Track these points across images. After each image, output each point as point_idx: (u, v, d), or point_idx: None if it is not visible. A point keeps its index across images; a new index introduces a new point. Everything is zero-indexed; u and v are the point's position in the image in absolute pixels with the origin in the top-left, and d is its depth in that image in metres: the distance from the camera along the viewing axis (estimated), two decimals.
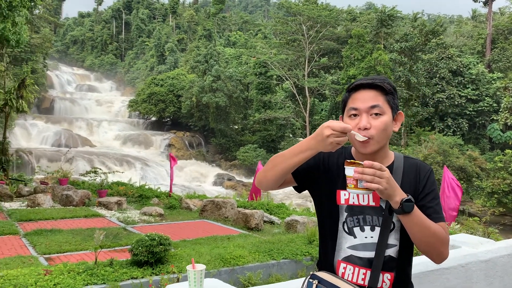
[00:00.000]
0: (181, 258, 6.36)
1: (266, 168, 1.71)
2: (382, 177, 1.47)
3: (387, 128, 1.64)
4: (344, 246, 1.70)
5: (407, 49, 35.26)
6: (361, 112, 1.64)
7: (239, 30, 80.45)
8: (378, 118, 1.62)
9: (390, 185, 1.49)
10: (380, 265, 1.64)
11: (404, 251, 1.69)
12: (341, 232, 1.71)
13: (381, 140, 1.64)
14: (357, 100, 1.65)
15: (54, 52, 77.04)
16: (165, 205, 13.39)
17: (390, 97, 1.66)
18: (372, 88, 1.65)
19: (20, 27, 16.14)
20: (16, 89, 18.18)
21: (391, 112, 1.66)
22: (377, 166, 1.47)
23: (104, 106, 56.11)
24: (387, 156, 1.73)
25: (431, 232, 1.57)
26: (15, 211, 11.16)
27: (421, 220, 1.56)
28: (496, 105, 35.24)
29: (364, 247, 1.67)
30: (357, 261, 1.67)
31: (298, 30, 42.53)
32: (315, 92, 42.30)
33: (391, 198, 1.51)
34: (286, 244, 7.35)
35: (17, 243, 8.22)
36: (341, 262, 1.70)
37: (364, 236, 1.68)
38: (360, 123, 1.63)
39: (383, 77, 1.70)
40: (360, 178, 1.48)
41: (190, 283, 1.87)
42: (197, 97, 43.22)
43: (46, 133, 39.72)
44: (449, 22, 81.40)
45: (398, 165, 1.71)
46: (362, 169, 1.47)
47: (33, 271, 5.57)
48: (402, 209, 1.52)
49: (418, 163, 1.73)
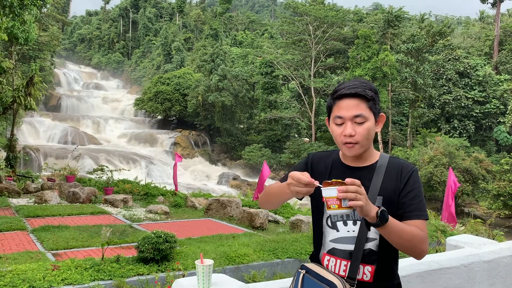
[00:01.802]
0: (186, 255, 6.42)
1: (263, 196, 1.94)
2: (361, 194, 1.50)
3: (370, 133, 1.76)
4: (328, 240, 1.82)
5: (414, 50, 35.17)
6: (346, 120, 1.75)
7: (245, 30, 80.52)
8: (361, 125, 1.73)
9: (367, 201, 1.53)
10: (359, 257, 1.72)
11: (385, 245, 1.74)
12: (325, 227, 1.83)
13: (365, 144, 1.76)
14: (342, 109, 1.76)
15: (62, 50, 77.48)
16: (171, 203, 13.48)
17: (371, 104, 1.76)
18: (355, 97, 1.75)
19: (29, 25, 16.29)
20: (25, 86, 18.36)
21: (374, 116, 1.77)
22: (357, 182, 1.51)
23: (111, 104, 56.39)
24: (371, 155, 1.83)
25: (408, 236, 1.62)
26: (22, 207, 11.28)
27: (397, 227, 1.61)
28: (503, 107, 35.10)
29: (346, 240, 1.77)
30: (339, 254, 1.78)
31: (304, 30, 42.51)
32: (321, 92, 42.26)
33: (368, 214, 1.54)
34: (291, 243, 7.39)
35: (25, 238, 8.32)
36: (325, 254, 1.82)
37: (346, 230, 1.77)
38: (345, 131, 1.74)
39: (364, 83, 1.78)
40: (344, 197, 1.48)
41: (199, 277, 1.92)
42: (203, 96, 43.35)
43: (53, 131, 40.00)
44: (456, 23, 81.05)
45: (382, 164, 1.80)
46: (346, 187, 1.48)
47: (41, 266, 5.65)
48: (380, 221, 1.55)
49: (401, 162, 1.81)
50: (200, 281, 1.90)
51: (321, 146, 37.15)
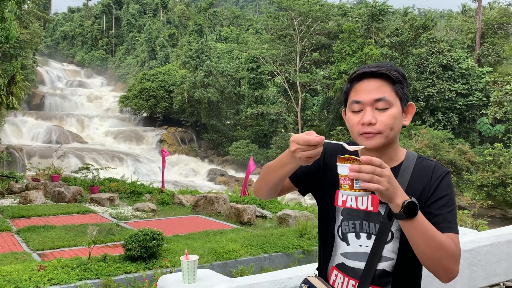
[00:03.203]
0: (174, 252, 6.42)
1: (259, 179, 1.63)
2: (382, 176, 1.25)
3: (396, 122, 1.44)
4: (338, 252, 1.57)
5: (398, 44, 35.45)
6: (365, 106, 1.44)
7: (230, 25, 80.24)
8: (384, 112, 1.43)
9: (391, 185, 1.27)
10: (369, 278, 1.47)
11: (404, 266, 1.48)
12: (336, 237, 1.58)
13: (389, 136, 1.44)
14: (360, 92, 1.46)
15: (44, 48, 76.33)
16: (158, 201, 13.43)
17: (398, 87, 1.46)
18: (376, 77, 1.45)
19: (9, 23, 16.01)
20: (6, 85, 18.03)
21: (400, 103, 1.46)
22: (376, 162, 1.25)
23: (95, 102, 55.79)
24: (396, 155, 1.53)
25: (436, 244, 1.33)
26: (7, 208, 11.14)
27: (425, 229, 1.33)
28: (486, 99, 35.58)
29: (356, 257, 1.52)
30: (347, 271, 1.53)
31: (289, 25, 42.54)
32: (306, 87, 42.40)
33: (391, 200, 1.29)
34: (278, 238, 7.44)
35: (10, 239, 8.23)
36: (334, 268, 1.58)
37: (358, 244, 1.52)
38: (363, 118, 1.43)
39: (389, 64, 1.49)
40: (357, 177, 1.26)
41: (184, 273, 1.93)
42: (188, 93, 43.15)
43: (37, 130, 39.47)
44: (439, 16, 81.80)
45: (407, 166, 1.50)
46: (359, 166, 1.25)
47: (27, 267, 5.60)
48: (404, 213, 1.29)
49: (432, 164, 1.51)
50: (185, 276, 1.91)
51: None
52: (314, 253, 7.13)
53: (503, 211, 24.32)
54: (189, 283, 1.91)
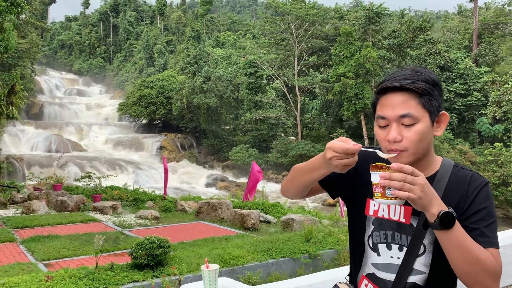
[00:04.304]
0: (181, 260, 6.41)
1: (288, 179, 1.61)
2: (414, 184, 1.23)
3: (425, 137, 1.40)
4: (369, 261, 1.54)
5: (395, 46, 35.56)
6: (390, 121, 1.39)
7: (227, 31, 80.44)
8: (411, 128, 1.37)
9: (425, 194, 1.24)
10: None
11: (436, 281, 1.44)
12: (366, 246, 1.54)
13: (418, 152, 1.40)
14: (385, 107, 1.40)
15: (42, 57, 76.44)
16: (160, 208, 13.41)
17: (425, 99, 1.38)
18: (401, 90, 1.38)
19: (8, 33, 16.06)
20: (6, 95, 18.06)
21: (429, 116, 1.39)
22: (408, 170, 1.23)
23: (94, 110, 55.82)
24: (431, 165, 1.48)
25: (473, 258, 1.28)
26: (10, 218, 11.11)
27: (461, 241, 1.28)
28: (484, 99, 35.65)
29: (387, 268, 1.48)
30: (378, 282, 1.50)
31: (286, 29, 42.66)
32: (305, 90, 42.47)
33: (426, 209, 1.27)
34: (284, 243, 7.42)
35: (15, 250, 8.20)
36: (364, 278, 1.55)
37: (389, 255, 1.48)
38: (389, 135, 1.38)
39: (416, 73, 1.41)
40: (387, 184, 1.25)
41: (205, 283, 1.93)
42: (187, 99, 43.20)
43: (36, 139, 39.44)
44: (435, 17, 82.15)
45: (442, 175, 1.45)
46: (390, 174, 1.24)
47: (34, 277, 5.59)
48: (438, 224, 1.26)
49: (469, 174, 1.45)
50: (207, 286, 1.91)
51: (307, 144, 37.31)
52: (321, 258, 7.12)
53: (505, 210, 24.32)
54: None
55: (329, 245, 7.47)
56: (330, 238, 7.71)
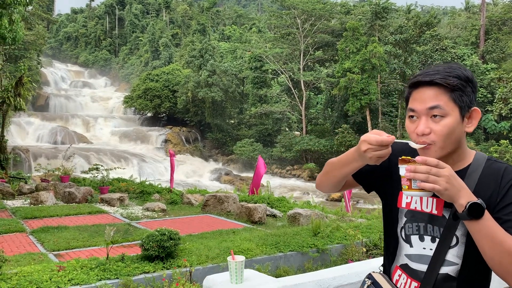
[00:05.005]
0: (190, 252, 6.46)
1: (322, 173, 1.66)
2: (439, 175, 1.27)
3: (453, 132, 1.42)
4: (402, 253, 1.57)
5: (401, 41, 35.42)
6: (420, 115, 1.44)
7: (233, 24, 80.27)
8: (440, 121, 1.41)
9: (451, 185, 1.28)
10: (431, 282, 1.46)
11: (469, 272, 1.46)
12: (400, 238, 1.58)
13: (446, 146, 1.42)
14: (415, 101, 1.45)
15: (48, 49, 76.59)
16: (167, 201, 13.49)
17: (456, 94, 1.41)
18: (432, 85, 1.42)
19: (16, 24, 16.12)
20: (14, 87, 18.18)
21: (459, 111, 1.42)
22: (432, 162, 1.28)
23: (99, 103, 55.99)
24: (463, 158, 1.50)
25: (505, 249, 1.28)
26: (19, 209, 11.21)
27: (492, 232, 1.30)
28: (491, 96, 35.53)
29: (420, 259, 1.52)
30: (410, 272, 1.53)
31: (292, 23, 42.55)
32: (310, 85, 42.41)
33: (454, 200, 1.31)
34: (292, 237, 7.46)
35: (25, 240, 8.29)
36: (398, 268, 1.59)
37: (422, 246, 1.51)
38: (417, 128, 1.43)
39: (449, 69, 1.45)
40: (413, 177, 1.31)
41: (231, 273, 1.97)
42: (192, 92, 43.23)
43: (42, 131, 39.64)
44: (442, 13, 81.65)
45: (475, 169, 1.46)
46: (415, 166, 1.30)
47: (46, 267, 5.65)
48: (467, 214, 1.29)
49: (502, 167, 1.45)
50: (233, 277, 1.94)
51: (312, 139, 37.31)
52: (329, 252, 7.16)
53: None
54: (237, 283, 1.95)
55: (337, 239, 7.50)
56: (337, 233, 7.74)
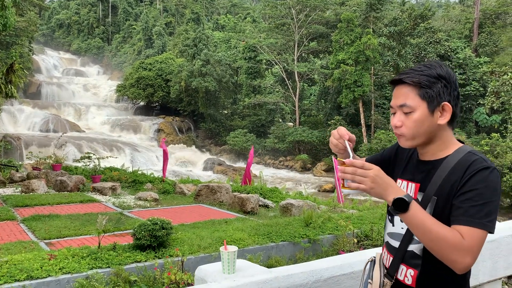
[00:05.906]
0: (182, 241, 6.46)
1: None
2: (365, 176, 1.44)
3: (422, 125, 1.56)
4: (386, 231, 1.77)
5: (395, 34, 35.39)
6: (396, 110, 1.62)
7: (227, 14, 79.71)
8: (409, 116, 1.57)
9: (377, 184, 1.44)
10: (400, 257, 1.64)
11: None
12: (387, 218, 1.77)
13: (416, 137, 1.59)
14: (393, 98, 1.65)
15: (40, 36, 75.65)
16: (159, 190, 13.47)
17: (423, 91, 1.56)
18: (404, 83, 1.59)
19: (8, 10, 15.88)
20: (5, 74, 17.93)
21: (427, 105, 1.56)
22: (358, 164, 1.45)
23: (92, 91, 55.56)
24: (443, 149, 1.62)
25: (433, 236, 1.41)
26: (10, 197, 11.13)
27: (421, 222, 1.43)
28: (483, 89, 35.68)
29: (397, 236, 1.68)
30: (389, 249, 1.72)
31: (287, 14, 42.34)
32: (304, 76, 42.35)
33: (383, 197, 1.47)
34: (284, 227, 7.48)
35: (16, 228, 8.24)
36: (384, 246, 1.79)
37: (401, 226, 1.67)
38: (391, 122, 1.65)
39: (422, 68, 1.61)
40: (343, 177, 1.48)
41: (224, 263, 1.97)
42: (186, 82, 43.00)
43: (34, 119, 39.32)
44: (437, 6, 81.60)
45: (450, 160, 1.57)
46: (344, 168, 1.47)
47: (37, 255, 5.63)
48: (394, 209, 1.45)
49: (472, 159, 1.52)
50: (225, 267, 1.94)
51: (305, 131, 37.35)
52: (320, 243, 7.19)
53: (500, 200, 24.50)
54: (229, 274, 1.95)
55: (328, 230, 7.54)
56: (329, 224, 7.78)
